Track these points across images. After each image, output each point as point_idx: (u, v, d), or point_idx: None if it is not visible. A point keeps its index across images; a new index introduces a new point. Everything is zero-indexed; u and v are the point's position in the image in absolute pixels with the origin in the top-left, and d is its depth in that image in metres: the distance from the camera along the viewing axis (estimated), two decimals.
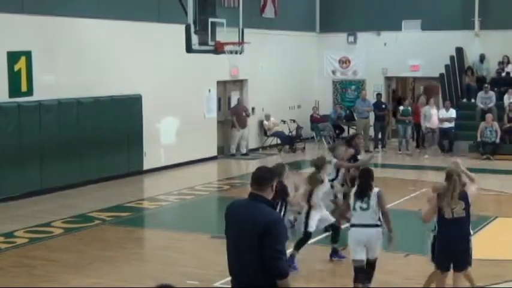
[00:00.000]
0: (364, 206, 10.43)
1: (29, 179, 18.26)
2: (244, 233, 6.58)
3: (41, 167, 18.58)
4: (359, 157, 15.12)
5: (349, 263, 11.97)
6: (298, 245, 12.16)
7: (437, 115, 25.98)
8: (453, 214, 9.57)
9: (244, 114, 26.19)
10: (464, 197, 9.63)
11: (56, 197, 18.48)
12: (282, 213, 11.20)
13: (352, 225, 10.62)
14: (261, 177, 6.77)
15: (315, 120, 29.54)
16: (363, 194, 10.47)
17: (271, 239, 6.45)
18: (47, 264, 12.63)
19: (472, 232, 9.90)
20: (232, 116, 26.20)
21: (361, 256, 10.47)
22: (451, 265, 9.85)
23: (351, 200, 10.64)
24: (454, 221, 9.59)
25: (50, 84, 18.83)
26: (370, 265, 10.65)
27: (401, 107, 26.94)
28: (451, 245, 9.68)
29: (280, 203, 11.13)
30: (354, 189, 10.76)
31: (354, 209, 10.55)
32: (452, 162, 10.53)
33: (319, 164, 12.40)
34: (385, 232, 10.55)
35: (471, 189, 9.78)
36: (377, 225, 10.47)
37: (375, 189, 10.53)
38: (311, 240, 13.86)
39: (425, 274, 11.84)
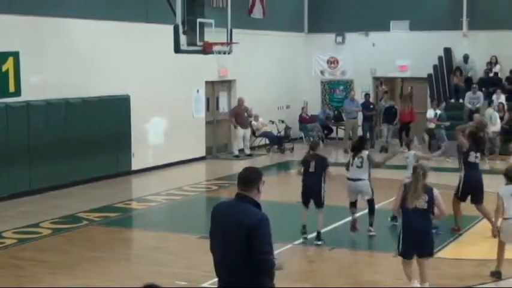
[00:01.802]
0: (359, 164, 14.11)
1: (17, 180, 18.21)
2: (230, 234, 6.58)
3: (30, 167, 18.53)
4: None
5: (338, 264, 12.01)
6: None
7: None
8: (415, 205, 10.20)
9: (246, 114, 26.23)
10: (428, 190, 10.27)
11: (44, 197, 18.43)
12: (322, 183, 13.89)
13: (348, 179, 14.32)
14: (248, 178, 6.77)
15: (303, 121, 29.57)
16: (358, 154, 14.21)
17: (256, 240, 6.46)
18: (35, 264, 12.60)
19: (433, 225, 10.58)
20: (231, 117, 26.27)
21: (354, 198, 14.46)
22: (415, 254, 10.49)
23: (350, 159, 14.41)
24: (416, 212, 10.20)
25: (38, 85, 18.77)
26: (369, 203, 14.46)
27: (438, 111, 26.45)
28: (413, 234, 10.29)
29: (320, 174, 13.88)
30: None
31: (352, 165, 14.22)
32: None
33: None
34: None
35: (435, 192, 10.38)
36: (365, 179, 14.20)
37: (365, 152, 14.31)
38: (299, 240, 13.93)
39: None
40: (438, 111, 26.15)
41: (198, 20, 18.51)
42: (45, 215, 16.42)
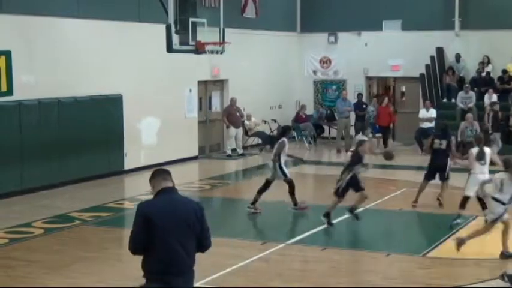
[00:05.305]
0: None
1: (9, 179, 18.15)
2: (188, 226, 7.04)
3: (21, 167, 18.47)
4: None
5: (330, 264, 12.01)
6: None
7: None
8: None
9: (238, 114, 26.20)
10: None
11: (36, 197, 18.37)
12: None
13: None
14: (167, 170, 7.82)
15: (300, 120, 29.47)
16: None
17: (204, 222, 7.14)
18: (27, 265, 12.55)
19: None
20: (223, 116, 26.24)
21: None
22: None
23: None
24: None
25: (30, 84, 18.73)
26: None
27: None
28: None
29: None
30: None
31: None
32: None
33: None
34: None
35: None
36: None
37: (282, 139, 17.19)
38: (291, 240, 13.92)
39: (406, 274, 11.92)
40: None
41: (191, 19, 18.53)
42: (37, 214, 16.37)
